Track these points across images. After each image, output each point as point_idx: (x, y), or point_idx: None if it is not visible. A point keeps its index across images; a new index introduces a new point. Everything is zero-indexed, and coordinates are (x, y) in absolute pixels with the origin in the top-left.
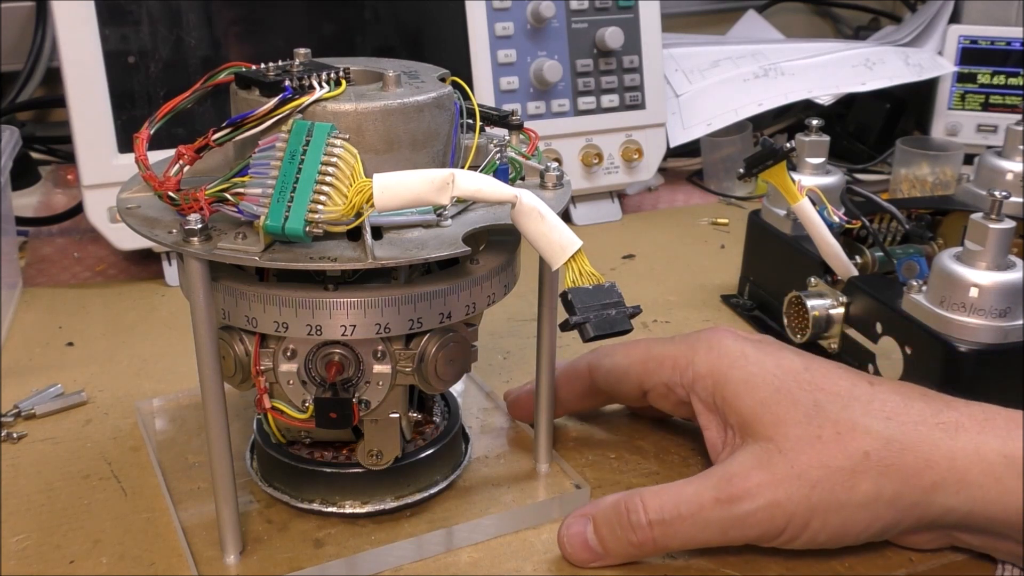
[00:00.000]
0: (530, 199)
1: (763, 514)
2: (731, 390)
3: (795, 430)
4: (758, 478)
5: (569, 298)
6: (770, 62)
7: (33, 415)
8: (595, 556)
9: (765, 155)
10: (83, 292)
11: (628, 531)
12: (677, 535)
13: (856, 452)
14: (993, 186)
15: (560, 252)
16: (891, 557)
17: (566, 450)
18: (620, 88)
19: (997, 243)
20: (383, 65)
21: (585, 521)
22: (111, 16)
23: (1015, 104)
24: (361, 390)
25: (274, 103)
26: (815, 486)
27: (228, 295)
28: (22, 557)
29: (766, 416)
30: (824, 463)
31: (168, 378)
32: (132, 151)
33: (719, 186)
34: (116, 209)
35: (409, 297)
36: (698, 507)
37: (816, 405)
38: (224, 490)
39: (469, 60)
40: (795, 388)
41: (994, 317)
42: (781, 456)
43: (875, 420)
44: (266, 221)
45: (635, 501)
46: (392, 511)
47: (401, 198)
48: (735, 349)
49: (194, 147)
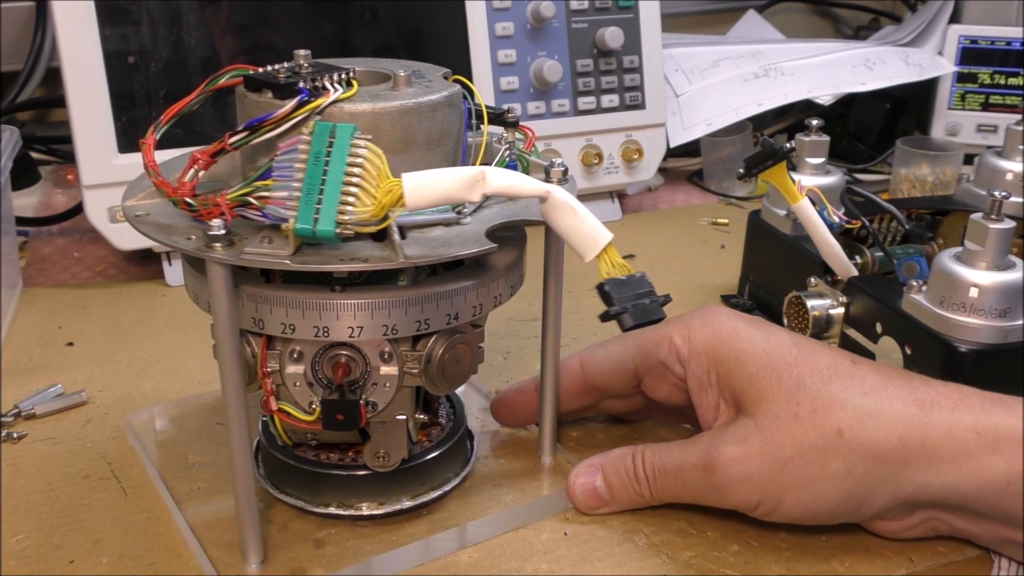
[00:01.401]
0: (562, 193)
1: (737, 487)
2: (725, 367)
3: (774, 407)
4: (733, 452)
5: (606, 289)
6: (770, 62)
7: (33, 415)
8: (603, 503)
9: (765, 155)
10: (83, 292)
11: (633, 481)
12: (666, 491)
13: (829, 430)
14: (993, 186)
15: (592, 245)
16: (891, 557)
17: (567, 450)
18: (620, 88)
19: (997, 243)
20: (383, 65)
21: (594, 471)
22: (111, 16)
23: (1015, 104)
24: (368, 392)
25: (292, 105)
26: (787, 463)
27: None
28: (22, 557)
29: (752, 392)
30: (798, 440)
31: (168, 378)
32: (132, 151)
33: (719, 186)
34: (115, 209)
35: (416, 298)
36: (681, 470)
37: (798, 381)
38: (246, 498)
39: (469, 60)
40: (781, 364)
41: (994, 317)
42: (758, 433)
43: (852, 395)
44: (295, 224)
45: (638, 455)
46: (409, 510)
47: (432, 197)
48: (728, 325)
49: (209, 151)
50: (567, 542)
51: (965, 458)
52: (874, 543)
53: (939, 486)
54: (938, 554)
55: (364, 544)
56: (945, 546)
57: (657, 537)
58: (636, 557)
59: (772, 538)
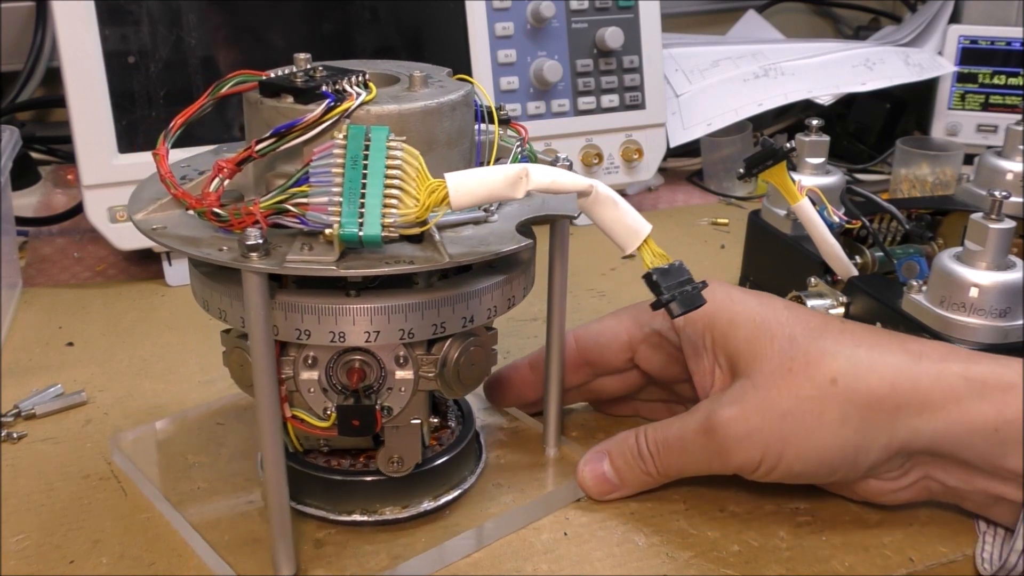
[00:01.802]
0: (604, 187)
1: (738, 446)
2: (719, 330)
3: (769, 365)
4: (731, 411)
5: (655, 279)
6: (770, 62)
7: (33, 415)
8: (613, 487)
9: (765, 155)
10: (83, 292)
11: (639, 461)
12: (671, 464)
13: (823, 380)
14: (993, 186)
15: (634, 236)
16: (891, 557)
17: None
18: (620, 88)
19: (997, 243)
20: (384, 66)
21: (601, 456)
22: (111, 16)
23: (1015, 104)
24: (383, 396)
25: (322, 109)
26: (785, 416)
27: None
28: (22, 557)
29: (748, 352)
30: (794, 393)
31: (168, 378)
32: (132, 151)
33: (719, 186)
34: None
35: (433, 302)
36: (682, 440)
37: (790, 339)
38: (280, 513)
39: (469, 60)
40: (774, 324)
41: (994, 317)
42: (755, 391)
43: (844, 347)
44: (341, 230)
45: (641, 434)
46: (431, 512)
47: (477, 196)
48: (721, 292)
49: (234, 160)
50: (567, 542)
51: (954, 403)
52: (874, 543)
53: (930, 431)
54: (938, 554)
55: (364, 544)
56: (945, 546)
57: (657, 537)
58: (636, 557)
59: (772, 538)
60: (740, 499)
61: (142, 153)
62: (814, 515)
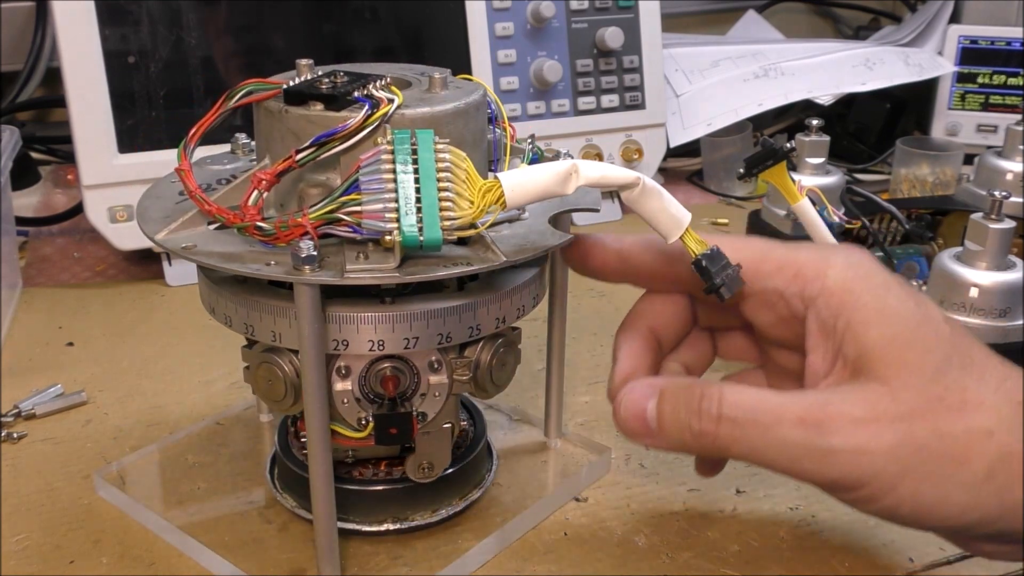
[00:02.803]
0: (649, 180)
1: (847, 457)
2: (861, 316)
3: (917, 380)
4: (859, 413)
5: (704, 264)
6: (770, 62)
7: (33, 415)
8: (647, 432)
9: (765, 155)
10: (83, 292)
11: (694, 416)
12: (743, 441)
13: (979, 427)
14: (993, 186)
15: (677, 225)
16: (891, 557)
17: (569, 437)
18: (620, 88)
19: (997, 243)
20: (382, 69)
21: (651, 392)
22: (111, 16)
23: (1015, 104)
24: (417, 403)
25: (363, 115)
26: (921, 449)
27: (280, 316)
28: (22, 557)
29: (892, 355)
30: (939, 427)
31: (168, 378)
32: (132, 151)
33: (719, 186)
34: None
35: (469, 305)
36: (777, 420)
37: (947, 362)
38: (326, 523)
39: (469, 60)
40: (931, 337)
41: (994, 317)
42: (893, 404)
43: (1004, 403)
44: (401, 236)
45: (713, 389)
46: (460, 512)
47: (530, 194)
48: (878, 274)
49: (274, 171)
50: (567, 542)
51: None
52: (874, 543)
53: None
54: (938, 554)
55: (364, 543)
56: (945, 546)
57: (657, 537)
58: (636, 557)
59: (772, 538)
60: (740, 499)
61: (142, 153)
62: (814, 515)
